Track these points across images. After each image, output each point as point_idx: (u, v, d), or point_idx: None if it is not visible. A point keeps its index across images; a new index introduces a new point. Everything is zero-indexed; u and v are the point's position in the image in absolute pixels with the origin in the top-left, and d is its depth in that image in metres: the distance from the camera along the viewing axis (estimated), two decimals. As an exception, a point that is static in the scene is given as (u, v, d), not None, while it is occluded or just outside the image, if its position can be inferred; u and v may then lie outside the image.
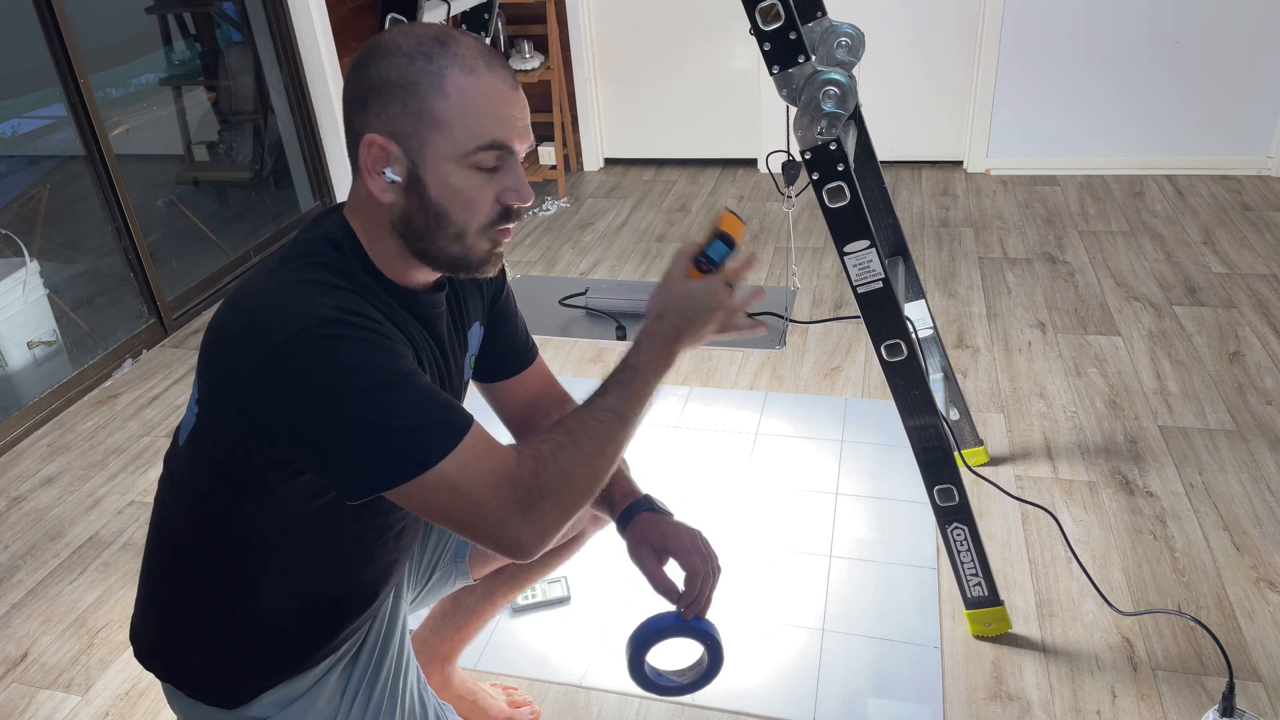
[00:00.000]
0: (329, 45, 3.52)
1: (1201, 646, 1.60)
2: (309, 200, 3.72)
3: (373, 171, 0.94)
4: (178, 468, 1.01)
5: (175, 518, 1.03)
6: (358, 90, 0.93)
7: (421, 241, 0.97)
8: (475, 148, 0.93)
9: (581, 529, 1.43)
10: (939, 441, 1.50)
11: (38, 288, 2.65)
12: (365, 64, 0.93)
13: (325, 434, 0.88)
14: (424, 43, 0.92)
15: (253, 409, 0.90)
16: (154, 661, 1.08)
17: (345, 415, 0.87)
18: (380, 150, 0.93)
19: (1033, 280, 2.87)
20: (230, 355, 0.91)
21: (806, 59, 1.30)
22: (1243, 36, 3.35)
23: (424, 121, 0.92)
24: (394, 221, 0.97)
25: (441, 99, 0.92)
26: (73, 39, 2.58)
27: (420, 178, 0.94)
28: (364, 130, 0.93)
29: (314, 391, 0.87)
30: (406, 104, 0.91)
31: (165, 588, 1.06)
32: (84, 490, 2.23)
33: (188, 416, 1.00)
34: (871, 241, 1.38)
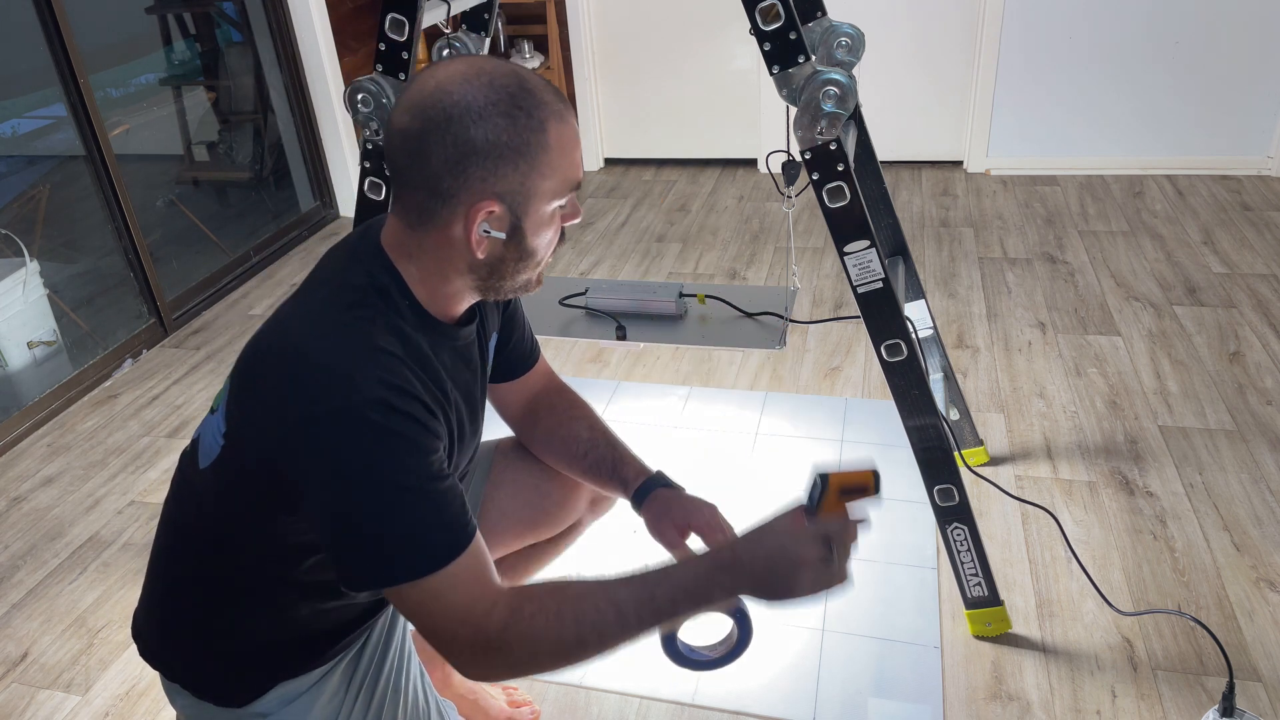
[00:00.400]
0: (329, 45, 3.53)
1: (1201, 646, 1.60)
2: (309, 200, 3.72)
3: (473, 232, 0.93)
4: (199, 486, 1.01)
5: (195, 531, 1.03)
6: (453, 154, 0.90)
7: (501, 280, 0.99)
8: (567, 191, 0.97)
9: (579, 518, 1.44)
10: (939, 441, 1.50)
11: (38, 288, 2.65)
12: (457, 124, 0.90)
13: (335, 517, 0.90)
14: (516, 95, 0.91)
15: (280, 466, 0.91)
16: (159, 661, 1.09)
17: (359, 508, 0.88)
18: (488, 212, 0.93)
19: (1033, 280, 2.87)
20: (267, 409, 0.91)
21: (806, 59, 1.30)
22: (1243, 36, 3.35)
23: (532, 178, 0.93)
24: (475, 265, 0.97)
25: (545, 155, 0.93)
26: (73, 39, 2.58)
27: (522, 229, 0.96)
28: (468, 195, 0.92)
29: (339, 475, 0.88)
30: (518, 165, 0.92)
31: (177, 592, 1.06)
32: (84, 490, 2.23)
33: (208, 441, 1.00)
34: (871, 241, 1.38)
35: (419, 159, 0.92)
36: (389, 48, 1.58)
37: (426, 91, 0.92)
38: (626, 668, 1.64)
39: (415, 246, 0.97)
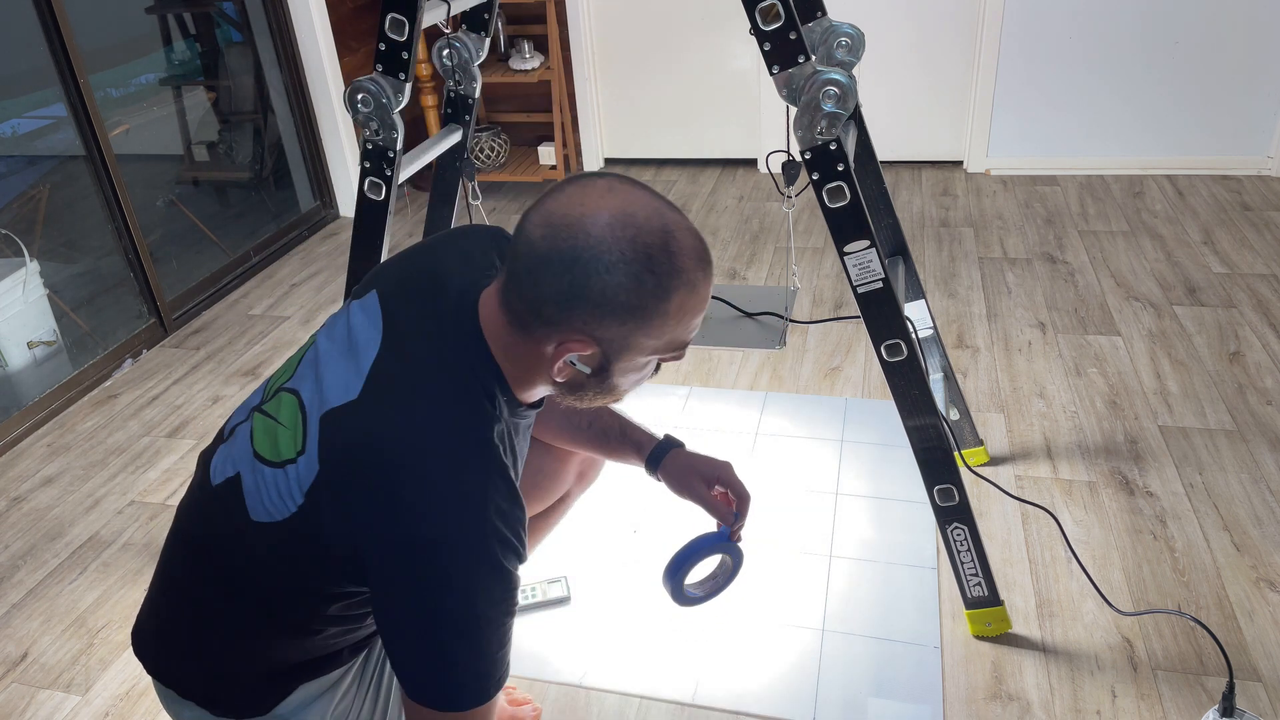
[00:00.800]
0: (329, 45, 3.53)
1: (1201, 646, 1.60)
2: (309, 200, 3.72)
3: (562, 359, 0.92)
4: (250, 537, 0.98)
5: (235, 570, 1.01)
6: (565, 290, 0.87)
7: (580, 400, 0.99)
8: (673, 349, 0.95)
9: (568, 490, 1.45)
10: (939, 441, 1.50)
11: (38, 288, 2.65)
12: (580, 268, 0.86)
13: (407, 631, 0.90)
14: (654, 259, 0.87)
15: (365, 563, 0.91)
16: (171, 679, 1.07)
17: (438, 631, 0.89)
18: (583, 352, 0.91)
19: (1033, 280, 2.87)
20: (367, 511, 0.89)
21: (806, 59, 1.30)
22: (1243, 36, 3.35)
23: (636, 335, 0.91)
24: (559, 383, 0.97)
25: (658, 320, 0.90)
26: (73, 39, 2.58)
27: (609, 370, 0.94)
28: (567, 328, 0.89)
29: (431, 598, 0.88)
30: (625, 322, 0.89)
31: (204, 618, 1.04)
32: (84, 490, 2.23)
33: (270, 498, 0.96)
34: (871, 241, 1.38)
35: (532, 278, 0.89)
36: (389, 48, 1.58)
37: (570, 216, 0.87)
38: (626, 668, 1.64)
39: (510, 345, 0.95)
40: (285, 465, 0.96)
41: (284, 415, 0.99)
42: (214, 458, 1.05)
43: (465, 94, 1.88)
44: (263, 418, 1.01)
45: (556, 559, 1.89)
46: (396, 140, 1.62)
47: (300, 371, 1.02)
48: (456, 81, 1.86)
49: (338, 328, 1.03)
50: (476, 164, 3.74)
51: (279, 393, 1.02)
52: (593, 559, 1.89)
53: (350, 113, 1.61)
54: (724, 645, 1.67)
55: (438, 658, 0.90)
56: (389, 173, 1.65)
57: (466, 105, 1.89)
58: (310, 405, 0.97)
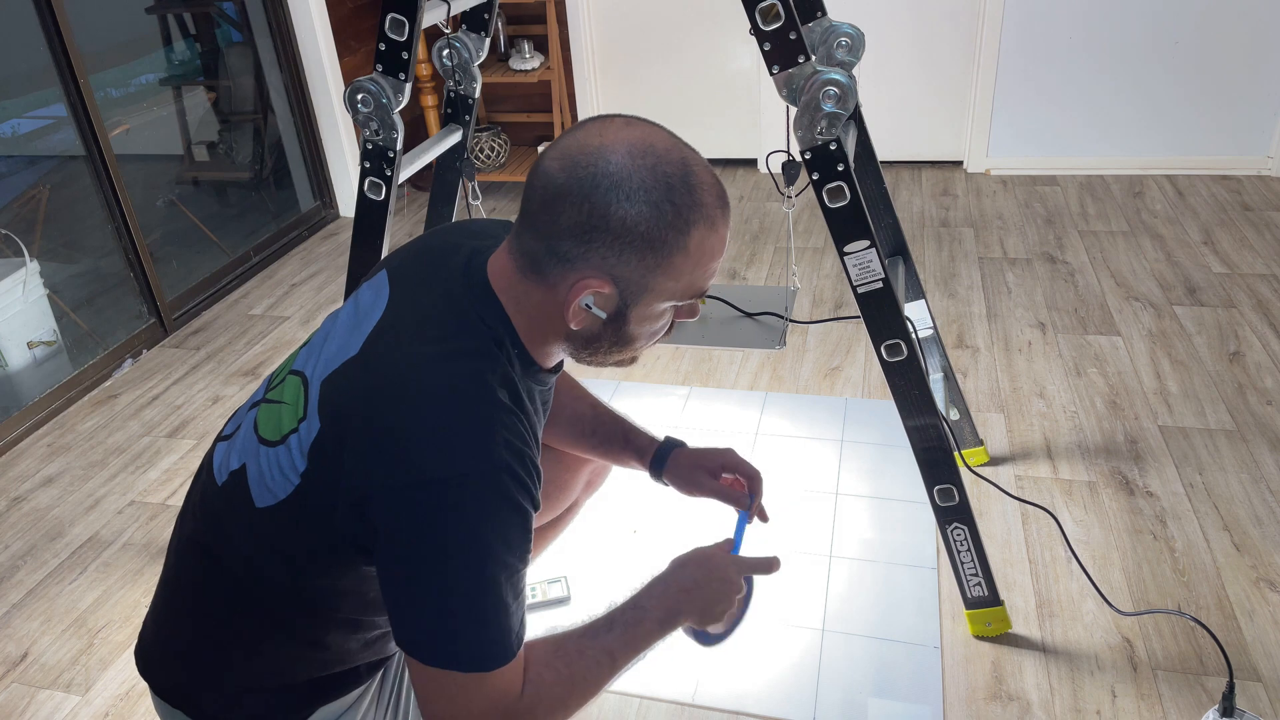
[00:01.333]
0: (329, 45, 3.53)
1: (1201, 646, 1.60)
2: (309, 200, 3.72)
3: (574, 302, 0.89)
4: (258, 528, 0.94)
5: (243, 569, 0.97)
6: (584, 222, 0.85)
7: (595, 355, 0.97)
8: (689, 296, 0.93)
9: (576, 498, 1.45)
10: (939, 441, 1.50)
11: (38, 288, 2.65)
12: (600, 196, 0.84)
13: (412, 581, 0.85)
14: (674, 189, 0.86)
15: (371, 517, 0.86)
16: (181, 697, 1.02)
17: (449, 580, 0.84)
18: (600, 290, 0.88)
19: (1033, 280, 2.87)
20: (373, 460, 0.85)
21: (806, 59, 1.30)
22: (1243, 36, 3.35)
23: (655, 274, 0.88)
24: (570, 334, 0.93)
25: (678, 257, 0.88)
26: (73, 39, 2.58)
27: (626, 316, 0.92)
28: (584, 265, 0.87)
29: (441, 543, 0.83)
30: (645, 257, 0.87)
31: (217, 631, 1.00)
32: (84, 490, 2.23)
33: (272, 479, 0.93)
34: (871, 241, 1.38)
35: (549, 212, 0.87)
36: (389, 48, 1.58)
37: (589, 148, 0.86)
38: (626, 668, 1.64)
39: (523, 295, 0.92)
40: (287, 437, 0.92)
41: (287, 395, 0.96)
42: (215, 458, 1.02)
43: (465, 94, 1.88)
44: (267, 405, 0.99)
45: (556, 559, 1.89)
46: (396, 140, 1.62)
47: (303, 356, 0.99)
48: (456, 81, 1.86)
49: (343, 310, 1.01)
50: (476, 164, 3.74)
51: (283, 380, 1.00)
52: (593, 559, 1.89)
53: (350, 113, 1.61)
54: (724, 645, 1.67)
55: (457, 613, 0.84)
56: (389, 173, 1.65)
57: (466, 105, 1.89)
58: (312, 377, 0.94)
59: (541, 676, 0.91)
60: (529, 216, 0.89)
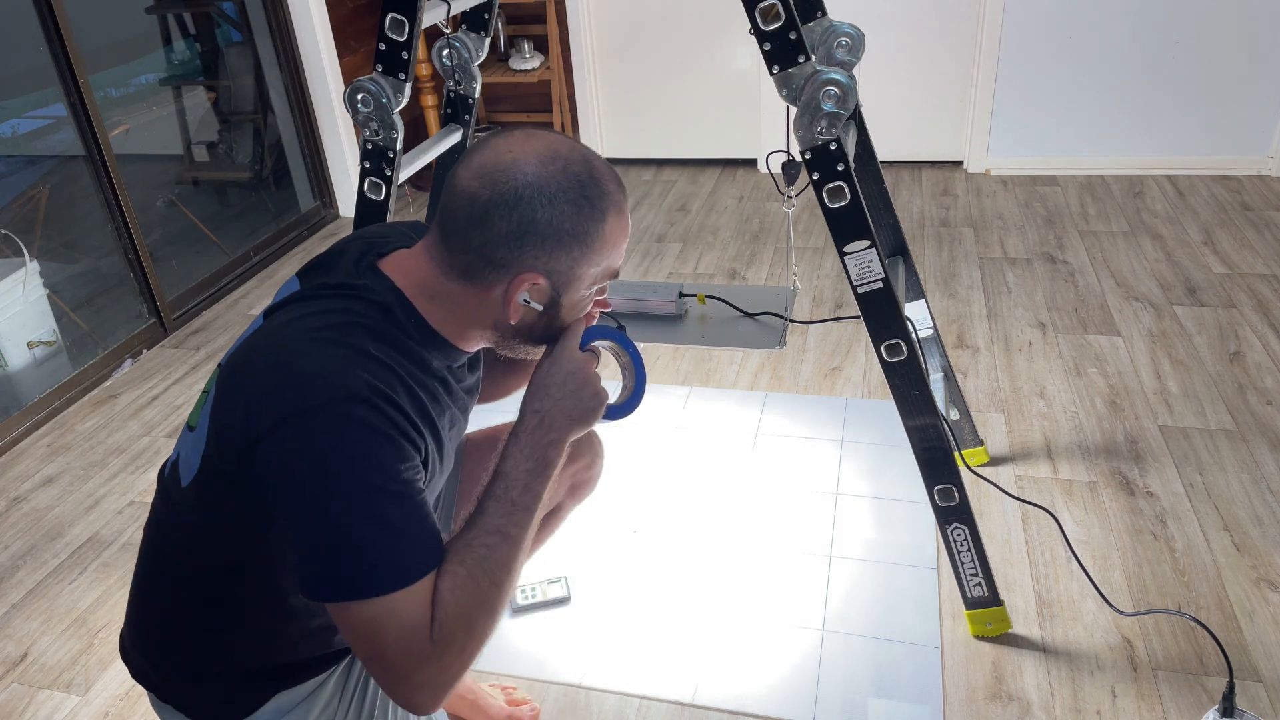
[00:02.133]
0: (329, 45, 3.52)
1: (1201, 646, 1.60)
2: (309, 200, 3.72)
3: (514, 300, 0.97)
4: (183, 506, 1.00)
5: (181, 553, 1.02)
6: (514, 230, 0.93)
7: (523, 344, 1.03)
8: (607, 277, 1.03)
9: (560, 503, 1.44)
10: (939, 441, 1.50)
11: (38, 288, 2.65)
12: (526, 205, 0.93)
13: (304, 519, 0.87)
14: (585, 185, 0.95)
15: (257, 469, 0.89)
16: (149, 682, 1.08)
17: (330, 510, 0.86)
18: (532, 285, 0.96)
19: (1033, 280, 2.87)
20: (247, 410, 0.89)
21: (806, 59, 1.30)
22: (1242, 36, 3.35)
23: (581, 264, 0.97)
24: (502, 326, 1.00)
25: (598, 244, 0.97)
26: (73, 39, 2.57)
27: (559, 304, 1.00)
28: (518, 267, 0.95)
29: (314, 472, 0.86)
30: (571, 250, 0.96)
31: (168, 617, 1.05)
32: (84, 490, 2.23)
33: (188, 458, 0.99)
34: (871, 241, 1.38)
35: (480, 226, 0.94)
36: (389, 48, 1.58)
37: (502, 164, 0.94)
38: (626, 668, 1.64)
39: (443, 293, 0.99)
40: (199, 421, 0.99)
41: (208, 382, 1.03)
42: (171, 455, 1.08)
43: (465, 94, 1.88)
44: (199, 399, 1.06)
45: (556, 559, 1.89)
46: (396, 140, 1.62)
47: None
48: (456, 81, 1.86)
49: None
50: (476, 164, 3.73)
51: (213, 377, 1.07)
52: (593, 559, 1.89)
53: (350, 113, 1.61)
54: (724, 646, 1.67)
55: (340, 539, 0.86)
56: (389, 173, 1.64)
57: (466, 105, 1.89)
58: (222, 363, 1.01)
59: (441, 591, 0.90)
60: (456, 233, 0.96)
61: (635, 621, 1.74)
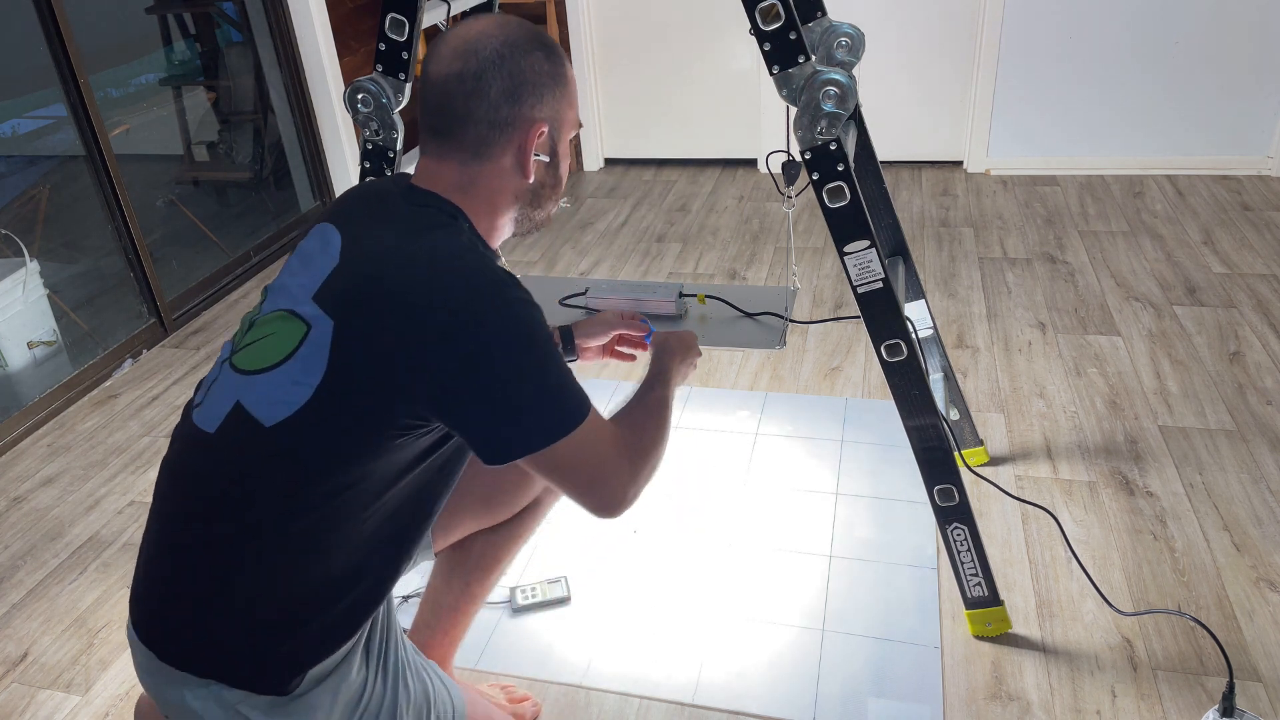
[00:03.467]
0: (329, 45, 3.52)
1: (1201, 646, 1.60)
2: (309, 200, 3.72)
3: (530, 154, 1.07)
4: (268, 448, 0.98)
5: (253, 501, 0.99)
6: (509, 86, 1.03)
7: (539, 209, 1.13)
8: (577, 123, 1.14)
9: (538, 496, 1.44)
10: (939, 441, 1.50)
11: (38, 288, 2.65)
12: (509, 61, 1.03)
13: (488, 389, 0.96)
14: (540, 37, 1.07)
15: (419, 361, 0.95)
16: (195, 658, 1.02)
17: (525, 365, 0.97)
18: (540, 134, 1.07)
19: (1033, 280, 2.87)
20: (401, 315, 0.95)
21: (806, 59, 1.30)
22: (1242, 36, 3.35)
23: (562, 106, 1.09)
24: (522, 193, 1.10)
25: (570, 86, 1.10)
26: (73, 39, 2.58)
27: (557, 153, 1.11)
28: (522, 122, 1.05)
29: (501, 342, 0.96)
30: (554, 91, 1.07)
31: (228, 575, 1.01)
32: (84, 490, 2.23)
33: (276, 398, 0.98)
34: (871, 241, 1.38)
35: (478, 95, 1.03)
36: (389, 48, 1.58)
37: (471, 38, 1.04)
38: (626, 668, 1.64)
39: (469, 183, 1.07)
40: (291, 355, 0.99)
41: (268, 329, 1.03)
42: (193, 424, 1.04)
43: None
44: (243, 352, 1.04)
45: (556, 559, 1.89)
46: (396, 140, 1.62)
47: (264, 308, 1.07)
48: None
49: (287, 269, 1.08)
50: (476, 164, 3.73)
51: (250, 328, 1.06)
52: (593, 559, 1.89)
53: (350, 113, 1.61)
54: (724, 645, 1.67)
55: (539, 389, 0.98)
56: (389, 172, 1.65)
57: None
58: (296, 304, 1.02)
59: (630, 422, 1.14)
60: (457, 116, 1.04)
61: (635, 621, 1.74)
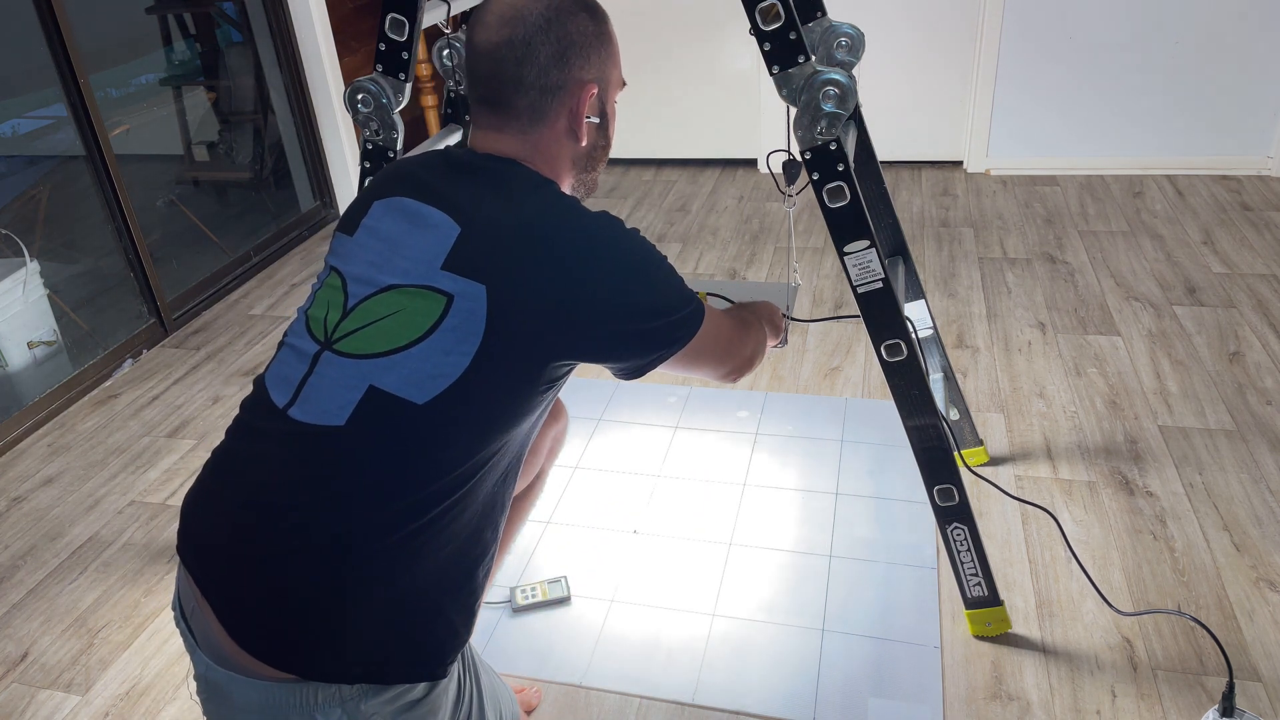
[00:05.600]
0: (329, 45, 3.52)
1: (1201, 646, 1.60)
2: (309, 200, 3.72)
3: (583, 117, 1.08)
4: (423, 422, 0.95)
5: (409, 484, 0.95)
6: (557, 49, 1.04)
7: (593, 171, 1.16)
8: (622, 82, 1.15)
9: (541, 466, 1.47)
10: (939, 441, 1.50)
11: (38, 288, 2.65)
12: (555, 24, 1.04)
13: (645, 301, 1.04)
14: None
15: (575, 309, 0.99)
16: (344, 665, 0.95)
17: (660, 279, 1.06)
18: (591, 95, 1.08)
19: (1033, 280, 2.87)
20: (556, 263, 0.99)
21: (806, 59, 1.30)
22: (1243, 36, 3.35)
23: (608, 65, 1.10)
24: (578, 158, 1.12)
25: (613, 45, 1.11)
26: (73, 39, 2.58)
27: (606, 115, 1.13)
28: (573, 84, 1.06)
29: (637, 267, 1.03)
30: (600, 53, 1.08)
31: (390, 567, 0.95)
32: (84, 490, 2.23)
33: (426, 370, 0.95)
34: (871, 241, 1.38)
35: (529, 60, 1.04)
36: (389, 48, 1.58)
37: (511, 8, 1.05)
38: (626, 668, 1.64)
39: (532, 150, 1.08)
40: (435, 328, 0.97)
41: (389, 306, 1.00)
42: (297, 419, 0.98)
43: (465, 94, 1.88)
44: (353, 338, 0.99)
45: (556, 559, 1.89)
46: (396, 140, 1.62)
47: (355, 289, 1.02)
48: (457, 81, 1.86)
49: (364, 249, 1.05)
50: (476, 164, 3.73)
51: (349, 315, 1.01)
52: (593, 559, 1.89)
53: (350, 113, 1.61)
54: (724, 645, 1.67)
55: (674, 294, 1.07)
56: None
57: (466, 105, 1.89)
58: (419, 275, 1.00)
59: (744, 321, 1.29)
60: (508, 83, 1.05)
61: (635, 621, 1.74)
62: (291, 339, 1.05)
